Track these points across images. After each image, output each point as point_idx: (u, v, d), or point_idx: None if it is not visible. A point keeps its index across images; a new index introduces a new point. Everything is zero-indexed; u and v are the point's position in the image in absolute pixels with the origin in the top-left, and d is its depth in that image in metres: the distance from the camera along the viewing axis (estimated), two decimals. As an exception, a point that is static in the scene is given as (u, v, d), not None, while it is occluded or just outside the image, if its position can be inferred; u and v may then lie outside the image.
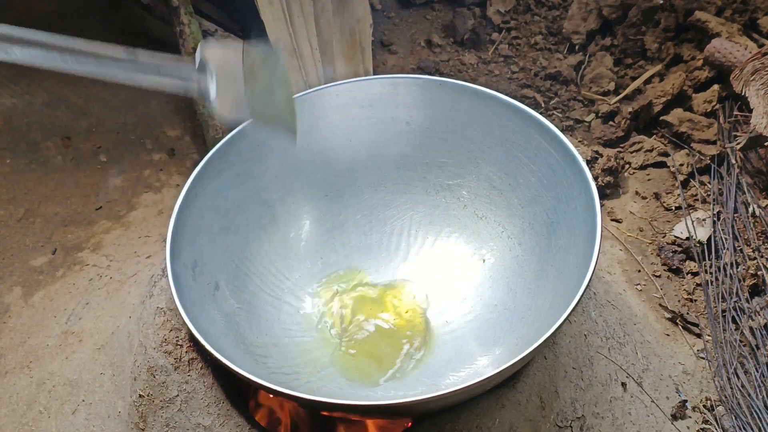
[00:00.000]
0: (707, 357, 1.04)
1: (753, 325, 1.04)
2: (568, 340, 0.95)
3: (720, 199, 1.22)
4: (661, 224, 1.23)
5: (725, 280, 1.10)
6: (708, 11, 1.44)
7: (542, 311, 0.88)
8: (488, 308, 0.96)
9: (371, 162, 1.05)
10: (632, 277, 1.15)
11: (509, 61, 1.52)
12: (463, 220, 1.03)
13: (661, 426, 0.96)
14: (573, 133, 1.40)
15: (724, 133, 1.31)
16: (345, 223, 1.06)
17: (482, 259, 1.01)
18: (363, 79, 1.02)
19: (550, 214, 0.93)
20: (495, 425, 0.85)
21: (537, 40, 1.55)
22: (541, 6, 1.59)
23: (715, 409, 0.98)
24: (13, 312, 1.13)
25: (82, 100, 1.49)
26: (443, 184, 1.04)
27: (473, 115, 0.99)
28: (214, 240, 0.93)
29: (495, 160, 0.99)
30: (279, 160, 1.01)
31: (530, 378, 0.89)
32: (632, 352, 1.01)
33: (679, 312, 1.09)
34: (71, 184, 1.34)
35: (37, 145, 1.40)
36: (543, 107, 1.44)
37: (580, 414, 0.91)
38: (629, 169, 1.33)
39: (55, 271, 1.19)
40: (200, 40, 1.39)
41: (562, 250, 0.89)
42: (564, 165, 0.90)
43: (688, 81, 1.40)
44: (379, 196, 1.06)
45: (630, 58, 1.47)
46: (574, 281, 0.79)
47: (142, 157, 1.39)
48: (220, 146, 0.94)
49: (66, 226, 1.27)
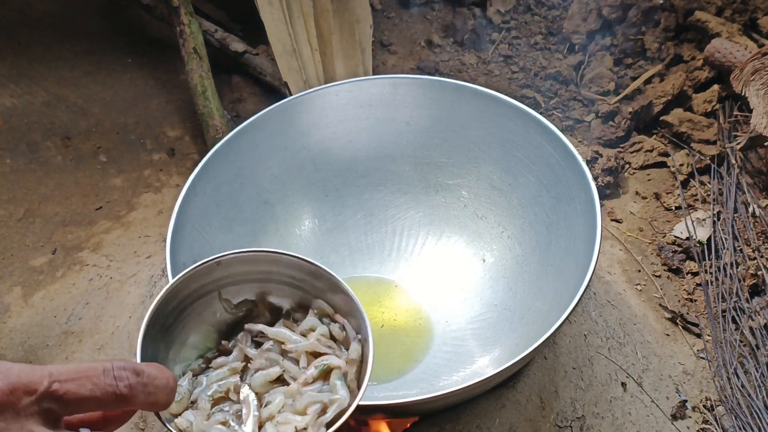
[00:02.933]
0: (707, 357, 1.04)
1: (753, 325, 1.04)
2: (568, 340, 0.95)
3: (720, 199, 1.22)
4: (661, 224, 1.23)
5: (725, 280, 1.10)
6: (708, 11, 1.44)
7: (542, 311, 0.88)
8: (488, 308, 0.96)
9: (371, 162, 1.05)
10: (632, 277, 1.15)
11: (509, 61, 1.52)
12: (463, 220, 1.03)
13: (661, 426, 0.96)
14: (573, 133, 1.39)
15: (724, 133, 1.31)
16: (345, 223, 1.06)
17: (482, 259, 1.01)
18: (363, 79, 1.02)
19: (550, 214, 0.93)
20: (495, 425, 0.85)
21: (537, 40, 1.55)
22: (540, 6, 1.59)
23: (715, 409, 0.98)
24: (13, 312, 1.13)
25: (82, 101, 1.49)
26: (443, 184, 1.04)
27: (473, 115, 0.99)
28: (214, 240, 0.92)
29: (495, 160, 0.99)
30: (279, 160, 1.01)
31: (530, 378, 0.89)
32: (632, 352, 1.01)
33: (679, 312, 1.09)
34: (71, 184, 1.34)
35: (37, 145, 1.40)
36: (543, 107, 1.44)
37: (580, 414, 0.91)
38: (629, 169, 1.33)
39: (55, 271, 1.19)
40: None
41: (562, 250, 0.89)
42: (564, 165, 0.90)
43: (688, 81, 1.40)
44: (379, 196, 1.06)
45: (630, 58, 1.47)
46: (574, 281, 0.79)
47: (142, 157, 1.39)
48: (220, 146, 0.94)
49: (66, 226, 1.27)
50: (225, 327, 0.71)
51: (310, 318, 0.70)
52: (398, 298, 1.01)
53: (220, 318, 0.71)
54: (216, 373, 0.67)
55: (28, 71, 1.52)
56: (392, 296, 1.01)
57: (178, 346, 0.68)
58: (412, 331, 0.97)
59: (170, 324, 0.67)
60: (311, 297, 0.71)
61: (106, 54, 1.58)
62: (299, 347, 0.67)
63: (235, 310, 0.71)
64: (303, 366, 0.67)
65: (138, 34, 1.63)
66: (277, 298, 0.72)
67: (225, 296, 0.70)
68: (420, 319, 0.98)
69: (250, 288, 0.71)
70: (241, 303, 0.71)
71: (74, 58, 1.57)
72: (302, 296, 0.71)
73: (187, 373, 0.66)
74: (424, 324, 0.97)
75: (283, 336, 0.68)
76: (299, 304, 0.72)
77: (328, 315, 0.70)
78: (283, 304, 0.72)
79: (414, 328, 0.97)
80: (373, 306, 0.99)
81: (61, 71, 1.54)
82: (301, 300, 0.71)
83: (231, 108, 1.45)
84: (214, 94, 1.32)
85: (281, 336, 0.68)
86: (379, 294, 1.01)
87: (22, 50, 1.56)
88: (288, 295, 0.71)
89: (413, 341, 0.96)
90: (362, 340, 0.67)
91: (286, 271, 0.70)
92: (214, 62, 1.40)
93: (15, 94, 1.48)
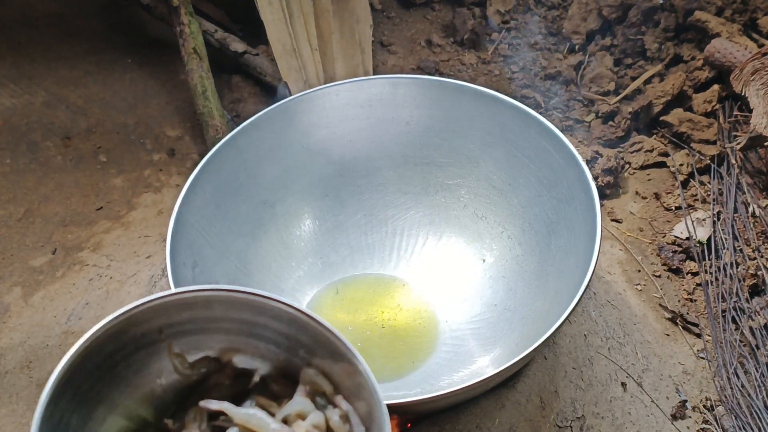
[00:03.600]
0: (707, 357, 1.04)
1: (753, 325, 1.04)
2: (568, 340, 0.95)
3: (720, 199, 1.22)
4: (661, 224, 1.23)
5: (725, 280, 1.10)
6: (708, 11, 1.43)
7: (542, 311, 0.88)
8: (488, 308, 0.96)
9: (371, 162, 1.05)
10: (632, 277, 1.15)
11: (509, 61, 1.52)
12: (463, 220, 1.03)
13: (661, 426, 0.96)
14: (573, 133, 1.39)
15: (724, 133, 1.31)
16: (345, 223, 1.06)
17: (482, 259, 1.01)
18: (363, 79, 1.02)
19: (550, 214, 0.93)
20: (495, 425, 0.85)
21: (537, 39, 1.55)
22: (540, 6, 1.59)
23: (715, 409, 0.98)
24: (13, 312, 1.13)
25: (82, 101, 1.49)
26: (443, 184, 1.04)
27: (473, 115, 0.99)
28: (214, 240, 0.92)
29: (495, 160, 0.99)
30: (279, 160, 1.01)
31: (530, 378, 0.89)
32: (632, 352, 1.01)
33: (679, 312, 1.09)
34: (71, 184, 1.34)
35: (37, 145, 1.40)
36: (543, 107, 1.44)
37: (580, 414, 0.91)
38: (629, 169, 1.33)
39: (55, 271, 1.19)
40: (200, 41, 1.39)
41: (562, 250, 0.89)
42: (564, 165, 0.90)
43: (688, 81, 1.40)
44: (379, 196, 1.06)
45: (630, 58, 1.47)
46: (574, 281, 0.79)
47: (142, 157, 1.39)
48: (220, 146, 0.94)
49: (66, 226, 1.27)
50: (170, 395, 0.51)
51: (300, 398, 0.49)
52: (398, 298, 1.01)
53: (164, 382, 0.50)
54: None
55: (28, 71, 1.52)
56: (392, 296, 1.01)
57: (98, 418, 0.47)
58: (412, 331, 0.97)
59: (86, 391, 0.46)
60: (300, 364, 0.50)
61: (106, 54, 1.58)
62: None
63: (189, 371, 0.51)
64: None
65: (138, 34, 1.63)
66: (247, 359, 0.51)
67: (177, 350, 0.50)
68: (420, 320, 0.98)
69: (214, 340, 0.50)
70: (199, 361, 0.51)
71: (74, 58, 1.57)
72: (286, 361, 0.51)
73: None
74: (425, 324, 0.97)
75: (256, 422, 0.47)
76: (281, 372, 0.51)
77: (323, 394, 0.50)
78: (257, 368, 0.51)
79: (414, 328, 0.97)
80: (373, 306, 0.99)
81: (61, 71, 1.54)
82: (284, 366, 0.51)
83: (231, 108, 1.45)
84: (214, 94, 1.32)
85: (254, 422, 0.47)
86: (378, 294, 1.01)
87: (22, 50, 1.56)
88: (266, 357, 0.51)
89: (414, 342, 0.96)
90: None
91: (272, 324, 0.49)
92: (214, 62, 1.40)
93: (15, 94, 1.48)
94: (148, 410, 0.50)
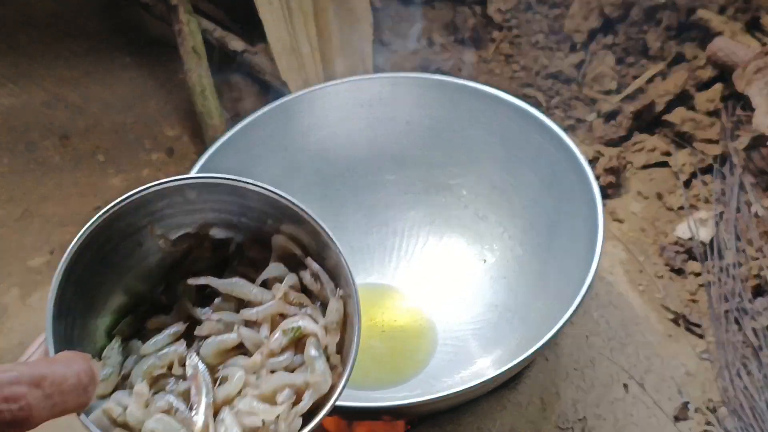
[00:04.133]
0: (710, 358, 1.04)
1: (756, 326, 1.03)
2: (570, 341, 0.95)
3: (722, 198, 1.21)
4: (664, 224, 1.22)
5: (728, 280, 1.09)
6: (710, 10, 1.43)
7: (543, 312, 0.87)
8: (489, 309, 0.96)
9: (371, 162, 1.05)
10: (634, 277, 1.15)
11: (510, 60, 1.52)
12: (463, 221, 1.03)
13: (663, 427, 0.95)
14: (574, 133, 1.39)
15: (727, 133, 1.30)
16: (345, 224, 1.05)
17: (483, 259, 1.00)
18: (363, 78, 1.02)
19: (551, 214, 0.92)
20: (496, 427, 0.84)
21: (538, 38, 1.54)
22: (542, 4, 1.58)
23: (718, 411, 0.97)
24: (11, 313, 1.13)
25: (81, 100, 1.49)
26: (443, 184, 1.04)
27: (474, 114, 0.98)
28: (213, 240, 0.92)
29: (496, 160, 0.99)
30: (278, 160, 1.00)
31: (531, 379, 0.89)
32: (634, 353, 1.01)
33: (682, 313, 1.08)
34: (70, 184, 1.33)
35: (35, 144, 1.39)
36: (544, 106, 1.43)
37: (582, 415, 0.90)
38: (631, 169, 1.32)
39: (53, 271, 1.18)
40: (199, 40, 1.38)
41: (564, 251, 0.89)
42: (565, 164, 0.89)
43: (691, 80, 1.39)
44: (379, 196, 1.06)
45: (632, 56, 1.46)
46: (575, 282, 0.79)
47: (141, 156, 1.39)
48: (218, 146, 0.93)
49: (64, 226, 1.26)
50: (157, 272, 0.56)
51: (274, 264, 0.54)
52: (399, 298, 1.00)
53: (151, 262, 0.56)
54: (153, 341, 0.52)
55: (27, 71, 1.52)
56: (392, 297, 1.00)
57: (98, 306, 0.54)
58: (412, 332, 0.96)
59: (87, 279, 0.52)
60: (270, 231, 0.55)
61: (105, 53, 1.58)
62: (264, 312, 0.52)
63: (173, 248, 0.56)
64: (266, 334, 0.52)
65: (137, 33, 1.63)
66: (222, 230, 0.56)
67: (159, 231, 0.55)
68: (420, 320, 0.97)
69: (191, 219, 0.56)
70: (180, 238, 0.56)
71: (73, 57, 1.56)
72: (257, 230, 0.56)
73: (115, 339, 0.52)
74: (425, 325, 0.97)
75: (239, 289, 0.53)
76: (254, 239, 0.56)
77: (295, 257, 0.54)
78: (232, 236, 0.56)
79: (414, 329, 0.97)
80: (373, 308, 0.99)
81: (60, 71, 1.53)
82: (256, 234, 0.56)
83: (230, 107, 1.45)
84: (212, 93, 1.32)
85: (237, 290, 0.53)
86: (379, 295, 1.00)
87: (22, 50, 1.55)
88: (239, 228, 0.57)
89: (414, 343, 0.95)
90: (344, 296, 0.52)
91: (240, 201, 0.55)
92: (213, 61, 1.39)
93: (13, 94, 1.48)
94: (143, 286, 0.56)
